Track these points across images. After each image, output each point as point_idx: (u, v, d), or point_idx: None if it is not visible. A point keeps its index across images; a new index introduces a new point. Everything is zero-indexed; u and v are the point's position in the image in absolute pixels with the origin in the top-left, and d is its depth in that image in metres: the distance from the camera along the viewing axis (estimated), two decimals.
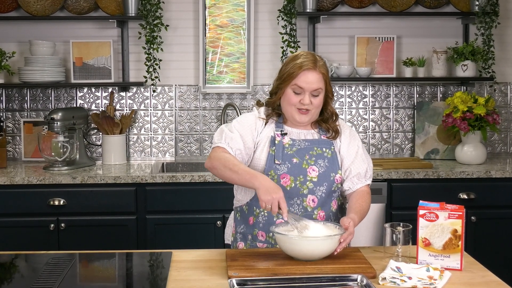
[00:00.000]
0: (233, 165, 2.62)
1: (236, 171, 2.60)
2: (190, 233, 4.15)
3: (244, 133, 2.76)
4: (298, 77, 2.69)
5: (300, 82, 2.69)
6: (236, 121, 2.82)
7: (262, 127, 2.80)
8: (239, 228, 2.85)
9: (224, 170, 2.64)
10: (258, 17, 4.79)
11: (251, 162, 2.79)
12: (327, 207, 2.77)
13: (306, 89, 2.70)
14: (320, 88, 2.71)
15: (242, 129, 2.76)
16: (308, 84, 2.69)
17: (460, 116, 4.43)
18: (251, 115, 2.84)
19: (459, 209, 2.44)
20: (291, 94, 2.72)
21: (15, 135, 4.79)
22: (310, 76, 2.69)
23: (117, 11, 4.63)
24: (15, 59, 4.66)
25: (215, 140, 2.76)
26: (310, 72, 2.69)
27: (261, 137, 2.79)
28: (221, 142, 2.73)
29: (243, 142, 2.74)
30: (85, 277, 2.53)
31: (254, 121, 2.80)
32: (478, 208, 4.25)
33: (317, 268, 2.36)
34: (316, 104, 2.73)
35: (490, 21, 4.61)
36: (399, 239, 2.51)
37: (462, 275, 2.39)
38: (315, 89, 2.70)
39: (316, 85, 2.70)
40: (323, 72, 2.72)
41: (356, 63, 4.81)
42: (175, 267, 2.47)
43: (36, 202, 4.08)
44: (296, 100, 2.72)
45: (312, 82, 2.69)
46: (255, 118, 2.81)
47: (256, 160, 2.78)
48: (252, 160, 2.79)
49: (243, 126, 2.78)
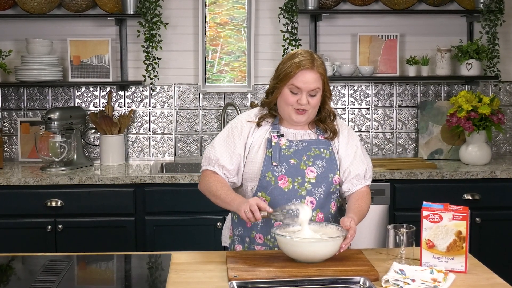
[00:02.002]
0: (216, 190, 2.71)
1: (218, 196, 2.70)
2: (190, 235, 4.14)
3: (226, 145, 2.79)
4: (296, 77, 2.68)
5: (298, 82, 2.68)
6: (220, 134, 2.86)
7: (253, 129, 2.81)
8: (236, 231, 2.85)
9: (210, 196, 2.77)
10: (259, 14, 4.78)
11: (245, 166, 2.79)
12: (326, 208, 2.76)
13: (304, 89, 2.69)
14: (317, 88, 2.71)
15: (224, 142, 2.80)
16: (305, 84, 2.68)
17: (464, 116, 4.42)
18: (238, 120, 2.86)
19: (464, 210, 2.43)
20: (288, 94, 2.71)
21: (11, 135, 4.78)
22: (308, 75, 2.68)
23: (115, 8, 4.62)
24: (12, 58, 4.65)
25: (203, 163, 2.84)
26: (308, 71, 2.68)
27: (254, 140, 2.80)
28: (203, 164, 2.83)
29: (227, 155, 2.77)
30: (83, 279, 2.52)
31: (240, 126, 2.82)
32: (483, 209, 4.23)
33: (319, 271, 2.36)
34: (313, 104, 2.72)
35: (495, 19, 4.59)
36: (403, 240, 2.50)
37: (467, 277, 2.38)
38: (313, 89, 2.70)
39: (314, 85, 2.69)
40: (321, 72, 2.71)
41: (359, 61, 4.79)
42: (174, 269, 2.46)
43: (33, 203, 4.06)
44: (293, 100, 2.71)
45: (310, 82, 2.68)
46: (242, 122, 2.83)
47: (250, 162, 2.78)
48: (246, 164, 2.79)
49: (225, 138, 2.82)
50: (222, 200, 2.68)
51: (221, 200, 2.68)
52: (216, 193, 2.69)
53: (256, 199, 2.56)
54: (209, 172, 2.78)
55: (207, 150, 2.83)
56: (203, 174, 2.81)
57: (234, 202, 2.62)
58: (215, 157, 2.77)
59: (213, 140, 2.88)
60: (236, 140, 2.78)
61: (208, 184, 2.74)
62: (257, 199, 2.56)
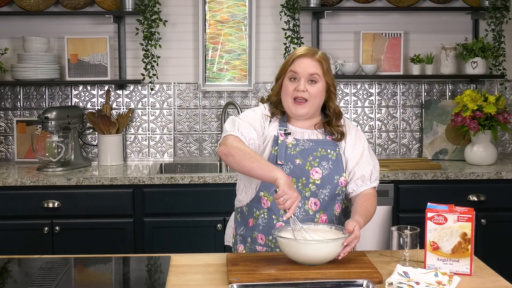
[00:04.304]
0: (254, 153, 2.56)
1: (257, 159, 2.52)
2: (190, 237, 4.13)
3: (256, 126, 2.72)
4: (294, 63, 2.71)
5: (295, 67, 2.70)
6: (244, 114, 2.79)
7: (268, 124, 2.79)
8: (239, 230, 2.84)
9: (243, 157, 2.54)
10: (260, 12, 4.78)
11: None
12: (329, 210, 2.74)
13: (301, 74, 2.69)
14: (316, 74, 2.69)
15: (253, 122, 2.73)
16: (303, 68, 2.69)
17: (469, 115, 4.41)
18: (258, 111, 2.81)
19: (469, 211, 2.42)
20: (287, 82, 2.73)
21: (7, 135, 4.78)
22: (306, 61, 2.70)
23: (113, 6, 4.63)
24: (8, 56, 4.63)
25: (227, 128, 2.71)
26: (306, 58, 2.70)
27: (266, 135, 2.77)
28: (234, 130, 2.68)
29: (256, 133, 2.71)
30: (80, 282, 2.51)
31: (261, 117, 2.78)
32: (488, 211, 4.22)
33: (321, 273, 2.35)
34: (313, 93, 2.69)
35: (501, 16, 4.61)
36: (407, 242, 2.50)
37: (472, 280, 2.37)
38: (311, 74, 2.68)
39: (312, 70, 2.69)
40: (321, 61, 2.71)
41: (362, 60, 4.78)
42: (174, 272, 2.46)
43: (29, 205, 4.05)
44: (292, 87, 2.70)
45: (308, 67, 2.68)
46: (262, 114, 2.79)
47: None
48: None
49: (253, 119, 2.75)
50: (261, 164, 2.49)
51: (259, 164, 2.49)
52: (254, 155, 2.53)
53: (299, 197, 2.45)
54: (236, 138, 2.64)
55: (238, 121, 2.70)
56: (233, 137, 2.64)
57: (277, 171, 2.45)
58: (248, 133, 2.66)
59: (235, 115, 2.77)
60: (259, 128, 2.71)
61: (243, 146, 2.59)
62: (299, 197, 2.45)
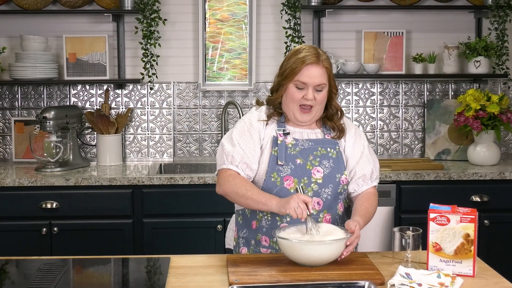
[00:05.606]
0: (245, 191, 2.62)
1: (248, 197, 2.61)
2: (189, 238, 4.12)
3: (247, 142, 2.72)
4: (301, 72, 2.68)
5: (303, 77, 2.68)
6: (236, 130, 2.78)
7: (264, 129, 2.77)
8: (241, 233, 2.83)
9: (237, 198, 2.66)
10: (261, 10, 4.77)
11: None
12: (333, 210, 2.73)
13: (310, 84, 2.68)
14: (323, 84, 2.70)
15: (244, 139, 2.73)
16: (311, 78, 2.67)
17: (472, 115, 4.39)
18: (254, 119, 2.79)
19: (472, 212, 2.42)
20: (293, 90, 2.70)
21: (5, 135, 4.78)
22: (313, 70, 2.68)
23: (112, 4, 4.61)
24: (6, 55, 4.63)
25: (218, 161, 2.75)
26: (313, 66, 2.68)
27: (264, 140, 2.76)
28: (225, 163, 2.71)
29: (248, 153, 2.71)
30: (79, 283, 2.52)
31: (257, 125, 2.77)
32: (492, 212, 4.21)
33: (322, 275, 2.35)
34: (319, 100, 2.71)
35: (504, 15, 4.59)
36: (409, 243, 2.50)
37: (475, 281, 2.37)
38: (319, 84, 2.69)
39: (320, 79, 2.68)
40: (327, 66, 2.71)
41: (364, 59, 4.77)
42: (173, 273, 2.46)
43: (27, 205, 4.05)
44: (299, 96, 2.69)
45: (316, 76, 2.67)
46: (257, 121, 2.78)
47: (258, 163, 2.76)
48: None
49: (243, 134, 2.74)
50: (255, 201, 2.59)
51: (253, 201, 2.59)
52: (246, 193, 2.61)
53: (300, 194, 2.49)
54: (232, 172, 2.69)
55: (226, 147, 2.72)
56: (224, 174, 2.70)
57: (271, 202, 2.55)
58: (239, 155, 2.69)
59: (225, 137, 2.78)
60: (255, 138, 2.73)
61: (234, 185, 2.64)
62: (300, 194, 2.49)
